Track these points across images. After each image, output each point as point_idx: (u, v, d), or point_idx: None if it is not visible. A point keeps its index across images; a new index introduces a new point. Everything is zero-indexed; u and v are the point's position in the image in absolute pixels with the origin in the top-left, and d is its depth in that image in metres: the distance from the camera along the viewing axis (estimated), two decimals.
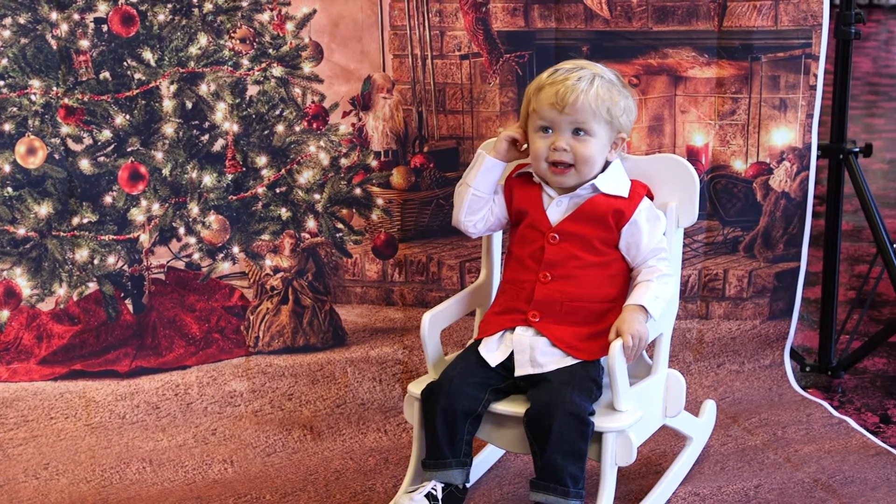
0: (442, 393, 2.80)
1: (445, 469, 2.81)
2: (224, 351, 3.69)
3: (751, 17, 3.60)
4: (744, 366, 3.73)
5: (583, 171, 2.83)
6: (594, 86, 2.81)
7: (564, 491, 2.70)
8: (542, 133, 2.84)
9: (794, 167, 3.69)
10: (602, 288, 2.86)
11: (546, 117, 2.82)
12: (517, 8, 3.62)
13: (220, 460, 3.32)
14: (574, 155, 2.81)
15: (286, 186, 3.64)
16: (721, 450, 3.29)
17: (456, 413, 2.78)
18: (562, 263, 2.85)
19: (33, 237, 3.53)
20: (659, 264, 2.85)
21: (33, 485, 3.20)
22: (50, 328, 3.61)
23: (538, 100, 2.84)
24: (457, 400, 2.79)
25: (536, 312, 2.84)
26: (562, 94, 2.79)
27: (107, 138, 3.53)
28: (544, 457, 2.70)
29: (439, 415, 2.79)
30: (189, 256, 3.65)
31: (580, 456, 2.71)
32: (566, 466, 2.69)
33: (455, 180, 3.00)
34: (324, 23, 3.61)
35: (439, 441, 2.80)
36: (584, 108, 2.79)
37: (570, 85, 2.80)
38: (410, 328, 3.72)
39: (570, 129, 2.81)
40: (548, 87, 2.83)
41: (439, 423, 2.79)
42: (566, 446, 2.69)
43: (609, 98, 2.82)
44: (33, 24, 3.45)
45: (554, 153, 2.82)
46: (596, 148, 2.82)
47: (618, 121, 2.84)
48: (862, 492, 3.02)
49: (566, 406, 2.69)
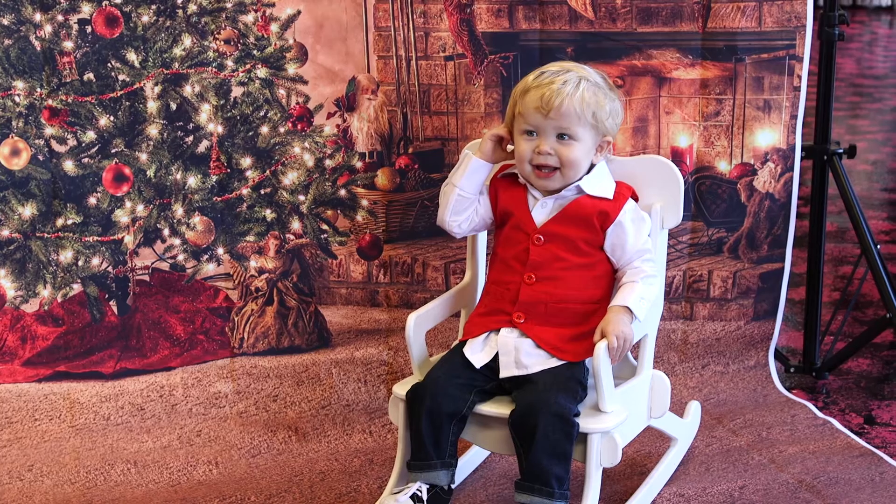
0: (427, 394, 2.80)
1: (430, 470, 2.81)
2: (209, 352, 3.68)
3: (735, 19, 3.60)
4: (728, 367, 3.74)
5: (567, 175, 2.83)
6: (580, 89, 2.80)
7: (549, 492, 2.70)
8: (526, 136, 2.84)
9: (778, 168, 3.69)
10: (587, 289, 2.86)
11: (531, 121, 2.82)
12: (502, 9, 3.62)
13: (204, 462, 3.32)
14: (559, 158, 2.81)
15: (271, 188, 3.64)
16: (706, 451, 3.30)
17: (441, 414, 2.78)
18: (546, 265, 2.85)
19: (17, 238, 3.52)
20: (644, 265, 2.86)
21: (17, 486, 3.19)
22: (34, 330, 3.60)
23: (523, 103, 2.83)
24: (442, 401, 2.79)
25: (521, 314, 2.85)
26: (547, 97, 2.79)
27: (91, 139, 3.52)
28: (529, 458, 2.70)
29: (424, 416, 2.79)
30: (174, 258, 3.64)
31: (565, 457, 2.71)
32: (551, 468, 2.69)
33: (440, 181, 3.00)
34: (308, 24, 3.61)
35: (424, 442, 2.80)
36: (569, 113, 2.79)
37: (555, 89, 2.79)
38: (395, 329, 3.72)
39: (555, 133, 2.81)
40: (533, 90, 2.82)
41: (424, 424, 2.79)
42: (551, 447, 2.69)
43: (595, 102, 2.81)
44: (17, 25, 3.44)
45: (538, 157, 2.82)
46: (581, 152, 2.82)
47: (603, 124, 2.84)
48: (846, 492, 3.03)
49: (551, 407, 2.69)
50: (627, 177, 2.95)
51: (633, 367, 3.01)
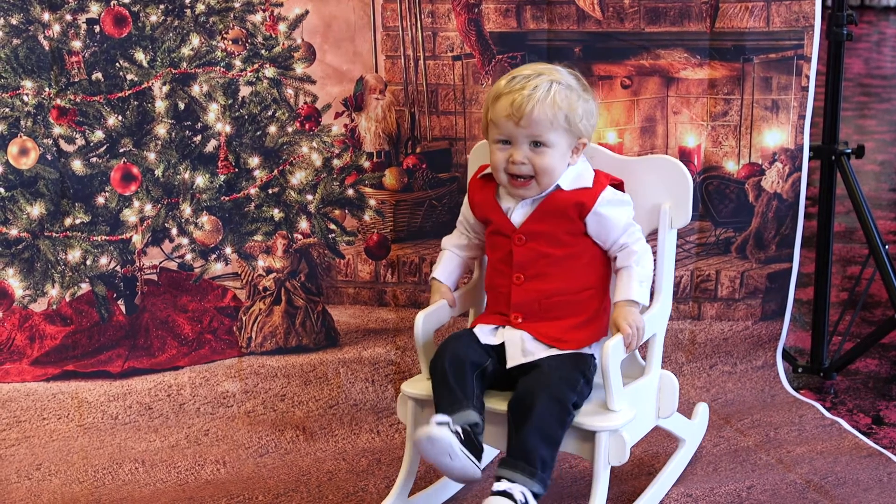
0: (447, 349, 2.79)
1: (462, 409, 2.71)
2: (216, 352, 3.68)
3: (743, 19, 3.60)
4: (736, 367, 3.73)
5: (543, 182, 2.81)
6: (551, 93, 2.76)
7: (532, 471, 2.65)
8: (500, 145, 2.81)
9: (786, 168, 3.69)
10: (578, 278, 2.85)
11: (503, 130, 2.79)
12: (509, 9, 3.62)
13: (212, 461, 3.32)
14: (533, 167, 2.78)
15: (279, 187, 3.64)
16: (713, 451, 3.29)
17: (464, 362, 2.75)
18: (532, 263, 2.84)
19: (26, 238, 3.52)
20: (633, 244, 2.83)
21: (25, 485, 3.20)
22: (42, 329, 3.61)
23: (495, 111, 2.79)
24: (464, 352, 2.77)
25: (518, 314, 2.85)
26: (518, 104, 2.74)
27: (99, 139, 3.52)
28: (519, 434, 2.67)
29: (447, 365, 2.75)
30: (182, 257, 3.65)
31: (555, 442, 2.69)
32: (538, 448, 2.66)
33: (448, 181, 3.01)
34: (316, 24, 3.61)
35: (451, 387, 2.73)
36: (540, 120, 2.75)
37: (526, 94, 2.75)
38: (403, 329, 3.72)
39: (528, 142, 2.78)
40: (504, 96, 2.78)
41: (449, 371, 2.74)
42: (543, 429, 2.66)
43: (567, 105, 2.77)
44: (25, 24, 3.45)
45: (512, 166, 2.79)
46: (555, 158, 2.79)
47: (577, 127, 2.79)
48: (854, 493, 3.03)
49: (550, 391, 2.68)
50: (635, 176, 2.95)
51: (641, 367, 3.01)
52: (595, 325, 2.87)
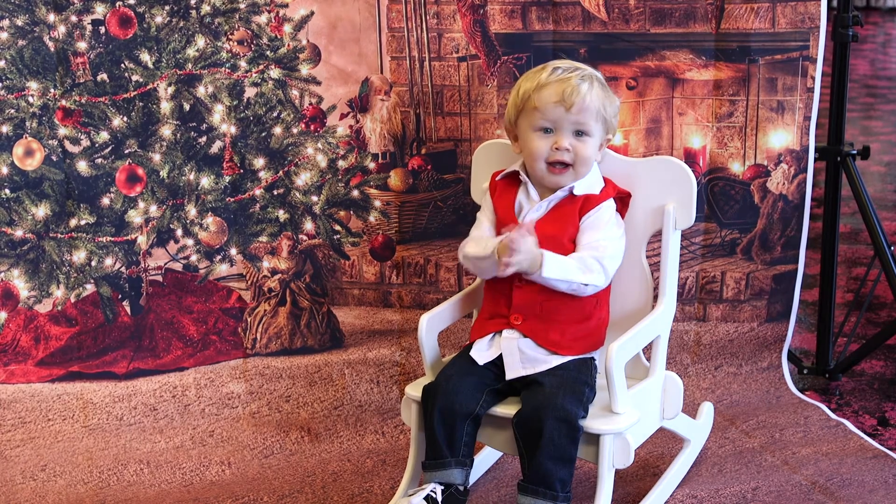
0: (439, 393, 2.80)
1: (444, 469, 2.80)
2: (222, 353, 3.69)
3: (748, 20, 3.60)
4: (741, 368, 3.73)
5: (580, 171, 2.84)
6: (594, 86, 2.84)
7: (553, 495, 2.70)
8: (541, 133, 2.84)
9: (791, 169, 3.69)
10: None
11: (550, 116, 2.82)
12: (515, 10, 3.62)
13: (217, 462, 3.32)
14: (574, 155, 2.82)
15: (284, 188, 3.64)
16: (718, 452, 3.29)
17: (453, 413, 2.78)
18: None
19: (31, 239, 3.52)
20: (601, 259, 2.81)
21: (31, 486, 3.20)
22: (47, 330, 3.61)
23: (541, 98, 2.83)
24: (454, 399, 2.78)
25: (518, 315, 2.85)
26: (568, 93, 2.80)
27: (104, 140, 3.53)
28: (534, 461, 2.70)
29: (436, 415, 2.79)
30: (187, 258, 3.65)
31: (569, 460, 2.71)
32: (556, 471, 2.69)
33: (453, 182, 3.01)
34: (321, 25, 3.61)
35: (437, 441, 2.80)
36: (589, 109, 2.81)
37: (574, 84, 2.81)
38: (408, 330, 3.72)
39: (572, 129, 2.82)
40: (553, 84, 2.82)
41: (437, 423, 2.79)
42: (556, 452, 2.68)
43: (606, 99, 2.85)
44: (31, 25, 3.45)
45: (556, 153, 2.82)
46: (594, 148, 2.85)
47: (611, 122, 2.87)
48: (859, 494, 3.02)
49: (557, 412, 2.69)
50: (640, 178, 2.95)
51: (645, 368, 3.01)
52: (595, 332, 2.88)
